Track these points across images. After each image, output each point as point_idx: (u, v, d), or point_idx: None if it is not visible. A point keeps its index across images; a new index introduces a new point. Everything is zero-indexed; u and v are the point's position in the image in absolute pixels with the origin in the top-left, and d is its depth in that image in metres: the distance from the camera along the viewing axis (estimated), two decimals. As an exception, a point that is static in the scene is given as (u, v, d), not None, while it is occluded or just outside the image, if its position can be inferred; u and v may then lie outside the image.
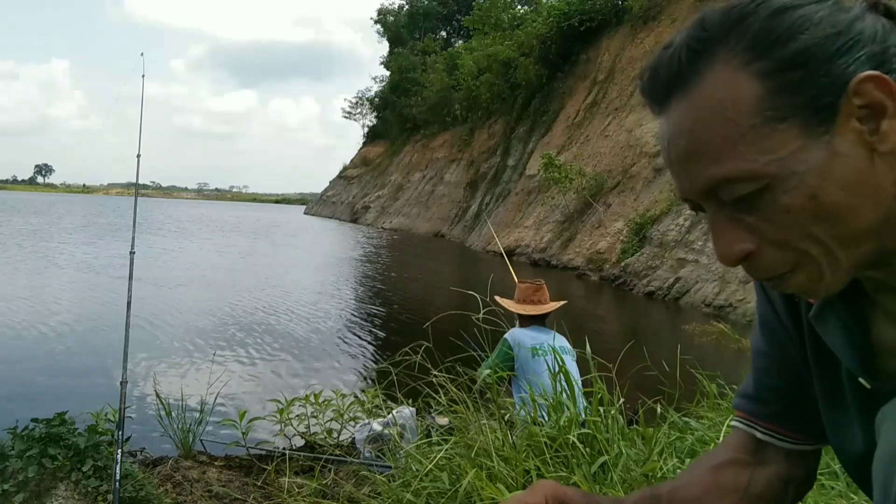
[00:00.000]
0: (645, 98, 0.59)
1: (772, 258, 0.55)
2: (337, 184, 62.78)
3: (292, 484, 2.66)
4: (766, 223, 0.53)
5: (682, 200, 0.59)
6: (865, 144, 0.51)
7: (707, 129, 0.52)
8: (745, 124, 0.51)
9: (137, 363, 6.16)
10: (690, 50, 0.54)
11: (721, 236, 0.56)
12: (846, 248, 0.53)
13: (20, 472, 2.50)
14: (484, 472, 1.64)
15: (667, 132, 0.56)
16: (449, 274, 18.62)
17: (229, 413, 4.28)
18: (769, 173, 0.51)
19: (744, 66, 0.52)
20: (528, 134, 28.83)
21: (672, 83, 0.55)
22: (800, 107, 0.51)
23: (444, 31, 61.89)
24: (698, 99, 0.53)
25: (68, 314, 8.92)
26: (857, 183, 0.51)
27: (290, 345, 7.71)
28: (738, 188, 0.53)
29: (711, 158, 0.52)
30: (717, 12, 0.55)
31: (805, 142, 0.51)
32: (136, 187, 3.62)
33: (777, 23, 0.52)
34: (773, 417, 0.76)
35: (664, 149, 0.57)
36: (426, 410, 3.02)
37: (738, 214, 0.54)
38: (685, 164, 0.55)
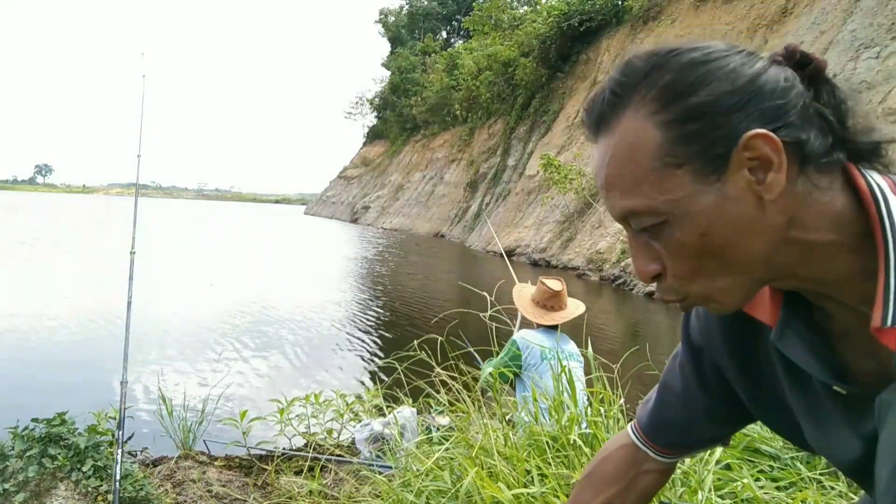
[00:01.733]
0: (584, 127, 0.66)
1: (670, 283, 0.63)
2: (337, 184, 62.79)
3: (292, 484, 2.66)
4: (667, 253, 0.61)
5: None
6: (754, 192, 0.57)
7: (619, 166, 0.60)
8: (647, 167, 0.58)
9: (138, 363, 6.15)
10: (612, 93, 0.62)
11: (636, 256, 0.64)
12: (735, 277, 0.60)
13: (20, 471, 2.50)
14: (485, 471, 1.64)
15: (595, 161, 0.64)
16: (449, 274, 18.63)
17: (230, 413, 4.28)
18: (666, 211, 0.58)
19: (650, 116, 0.58)
20: (528, 134, 28.84)
21: (599, 121, 0.63)
22: (694, 156, 0.57)
23: (444, 31, 61.91)
24: (614, 139, 0.61)
25: (69, 314, 8.92)
26: (745, 224, 0.57)
27: (290, 345, 7.71)
28: (643, 220, 0.60)
29: (622, 192, 0.60)
30: (640, 58, 0.61)
31: (698, 187, 0.57)
32: (137, 187, 3.61)
33: (683, 77, 0.58)
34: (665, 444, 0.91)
35: (595, 176, 0.65)
36: (427, 410, 3.02)
37: (649, 240, 0.62)
38: (606, 193, 0.63)
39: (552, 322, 2.97)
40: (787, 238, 0.58)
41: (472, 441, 1.87)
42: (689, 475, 1.71)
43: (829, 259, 0.59)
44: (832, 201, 0.59)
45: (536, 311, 3.02)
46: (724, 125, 0.56)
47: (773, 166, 0.56)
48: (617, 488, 0.93)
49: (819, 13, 12.38)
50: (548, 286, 3.03)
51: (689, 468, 1.73)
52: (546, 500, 1.57)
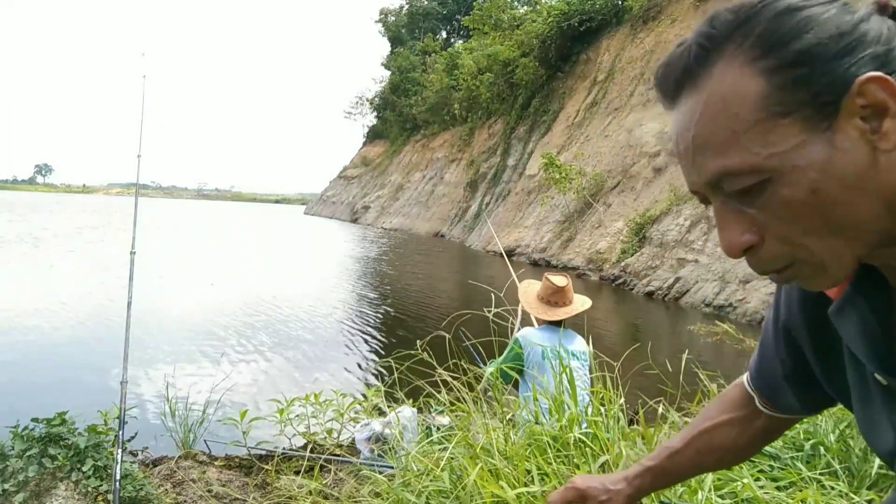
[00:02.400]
0: (658, 93, 0.62)
1: (773, 251, 0.57)
2: (337, 184, 62.79)
3: (292, 484, 2.66)
4: (768, 216, 0.55)
5: (691, 193, 0.61)
6: (867, 142, 0.52)
7: (713, 122, 0.54)
8: (748, 119, 0.53)
9: (138, 363, 6.15)
10: (700, 47, 0.57)
11: (726, 228, 0.58)
12: (846, 240, 0.55)
13: (20, 471, 2.50)
14: (486, 471, 1.64)
15: (676, 126, 0.58)
16: (449, 274, 18.63)
17: (230, 413, 4.28)
18: (771, 167, 0.53)
19: (749, 64, 0.53)
20: (528, 134, 28.84)
21: (682, 79, 0.57)
22: (802, 103, 0.52)
23: (444, 31, 61.91)
24: (706, 93, 0.55)
25: (69, 314, 8.92)
26: (858, 178, 0.52)
27: (290, 345, 7.71)
28: (741, 180, 0.54)
29: (716, 151, 0.54)
30: (726, 11, 0.57)
31: (807, 137, 0.52)
32: (137, 187, 3.61)
33: (782, 23, 0.53)
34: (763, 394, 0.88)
35: (674, 142, 0.59)
36: (427, 410, 3.02)
37: (742, 207, 0.56)
38: (693, 157, 0.57)
39: (554, 318, 2.96)
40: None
41: (472, 441, 1.87)
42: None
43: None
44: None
45: (540, 307, 3.01)
46: (833, 70, 0.52)
47: (889, 112, 0.52)
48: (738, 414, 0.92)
49: (819, 13, 12.42)
50: (552, 282, 3.02)
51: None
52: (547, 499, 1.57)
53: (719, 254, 12.22)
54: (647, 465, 0.96)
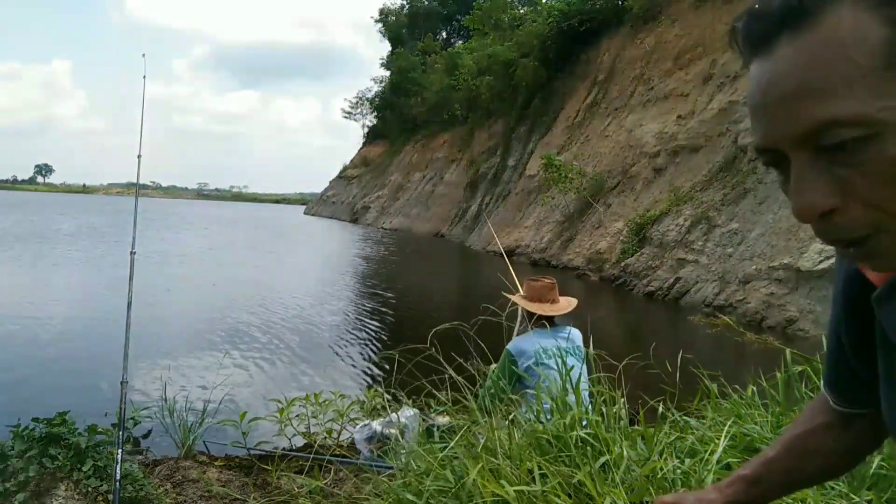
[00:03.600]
0: (743, 40, 0.56)
1: (856, 217, 0.52)
2: (337, 184, 62.78)
3: (292, 484, 2.66)
4: (863, 177, 0.50)
5: (758, 152, 0.56)
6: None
7: (824, 66, 0.49)
8: (866, 65, 0.48)
9: (138, 363, 6.15)
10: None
11: (806, 188, 0.52)
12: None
13: (21, 471, 2.50)
14: (487, 469, 1.64)
15: (769, 74, 0.53)
16: (449, 274, 18.63)
17: (230, 413, 4.28)
18: (882, 120, 0.48)
19: (872, 10, 0.49)
20: (528, 134, 28.84)
21: (785, 20, 0.52)
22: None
23: (445, 31, 61.95)
24: (818, 36, 0.50)
25: (69, 314, 8.92)
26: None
27: (291, 345, 7.71)
28: (847, 131, 0.49)
29: (825, 96, 0.49)
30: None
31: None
32: (137, 187, 3.62)
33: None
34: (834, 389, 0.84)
35: (758, 92, 0.54)
36: (427, 410, 3.02)
37: (832, 166, 0.51)
38: (790, 103, 0.51)
39: (553, 312, 2.99)
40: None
41: (473, 440, 1.87)
42: (689, 475, 1.71)
43: None
44: None
45: (535, 306, 3.03)
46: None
47: None
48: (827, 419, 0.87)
49: (819, 13, 12.42)
50: (538, 279, 3.08)
51: (688, 468, 1.73)
52: (547, 499, 1.57)
53: (719, 254, 12.23)
54: (741, 474, 0.90)
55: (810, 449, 0.88)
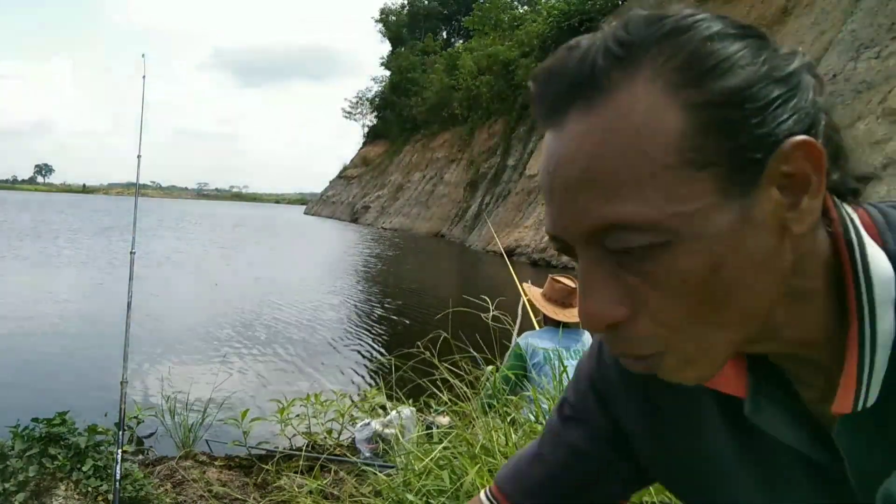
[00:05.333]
0: (535, 105, 0.47)
1: (644, 332, 0.45)
2: (337, 184, 62.83)
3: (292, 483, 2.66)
4: (652, 289, 0.44)
5: (549, 239, 0.48)
6: (779, 219, 0.43)
7: (613, 156, 0.42)
8: (659, 160, 0.41)
9: (139, 363, 6.16)
10: (609, 54, 0.43)
11: (593, 293, 0.45)
12: (733, 331, 0.45)
13: (20, 471, 2.50)
14: (486, 470, 1.64)
15: (556, 152, 0.45)
16: (449, 274, 18.64)
17: (230, 412, 4.29)
18: (672, 228, 0.42)
19: (671, 91, 0.42)
20: (528, 134, 28.84)
21: (577, 90, 0.44)
22: (725, 154, 0.42)
23: (445, 31, 61.99)
24: (609, 117, 0.42)
25: (69, 313, 8.93)
26: (762, 262, 0.43)
27: (291, 345, 7.71)
28: (633, 238, 0.42)
29: (611, 194, 0.42)
30: (645, 17, 0.45)
31: (720, 200, 0.42)
32: (137, 187, 3.62)
33: (715, 49, 0.43)
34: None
35: (547, 171, 0.46)
36: (427, 409, 3.02)
37: (621, 271, 0.44)
38: (574, 195, 0.44)
39: (568, 318, 2.93)
40: (787, 287, 0.46)
41: (472, 440, 1.87)
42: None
43: (816, 314, 0.48)
44: (823, 240, 0.48)
45: (550, 307, 2.98)
46: (766, 121, 0.42)
47: (809, 188, 0.43)
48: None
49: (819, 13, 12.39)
50: (563, 283, 2.99)
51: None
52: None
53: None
54: None
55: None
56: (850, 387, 0.46)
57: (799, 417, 0.53)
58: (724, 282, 0.43)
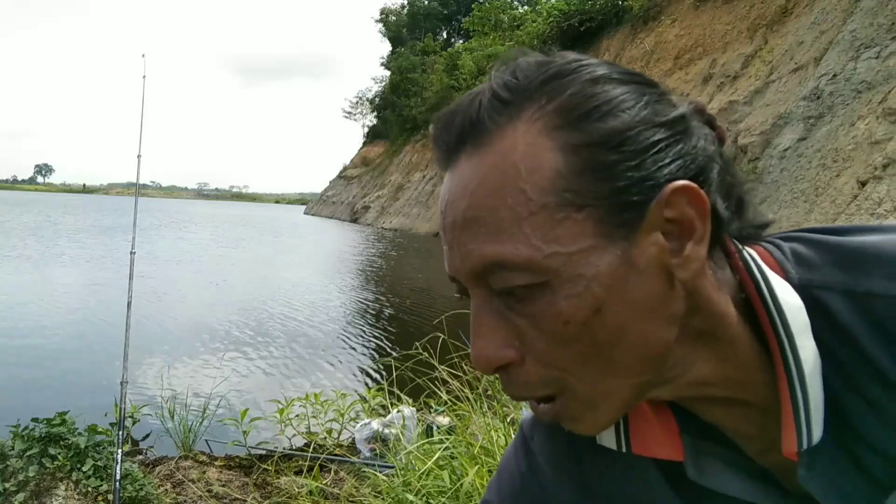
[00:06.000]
0: (434, 147, 0.49)
1: (534, 375, 0.45)
2: (337, 184, 62.85)
3: (292, 483, 2.66)
4: (538, 331, 0.44)
5: (449, 279, 0.49)
6: (664, 265, 0.43)
7: (494, 194, 0.43)
8: (537, 200, 0.42)
9: (138, 363, 6.16)
10: (494, 97, 0.45)
11: (482, 334, 0.45)
12: (623, 377, 0.44)
13: (20, 471, 2.50)
14: (485, 470, 1.64)
15: (448, 190, 0.46)
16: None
17: (230, 413, 4.29)
18: (551, 268, 0.42)
19: (550, 132, 0.43)
20: (528, 134, 28.88)
21: (466, 132, 0.45)
22: (602, 196, 0.42)
23: (445, 31, 62.02)
24: (491, 156, 0.43)
25: (70, 313, 8.93)
26: (650, 306, 0.43)
27: (291, 345, 7.71)
28: (513, 277, 0.43)
29: (491, 232, 0.43)
30: (534, 62, 0.46)
31: (599, 242, 0.42)
32: (137, 187, 3.62)
33: (597, 92, 0.43)
34: None
35: (441, 211, 0.47)
36: (427, 409, 3.02)
37: (509, 312, 0.45)
38: (460, 233, 0.45)
39: None
40: (683, 329, 0.45)
41: (472, 440, 1.87)
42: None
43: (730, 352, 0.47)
44: (729, 280, 0.48)
45: None
46: (645, 165, 0.42)
47: (694, 234, 0.43)
48: None
49: (819, 13, 12.39)
50: None
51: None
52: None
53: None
54: None
55: None
56: (791, 426, 0.45)
57: (746, 468, 0.51)
58: (608, 325, 0.42)
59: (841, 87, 9.27)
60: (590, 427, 0.47)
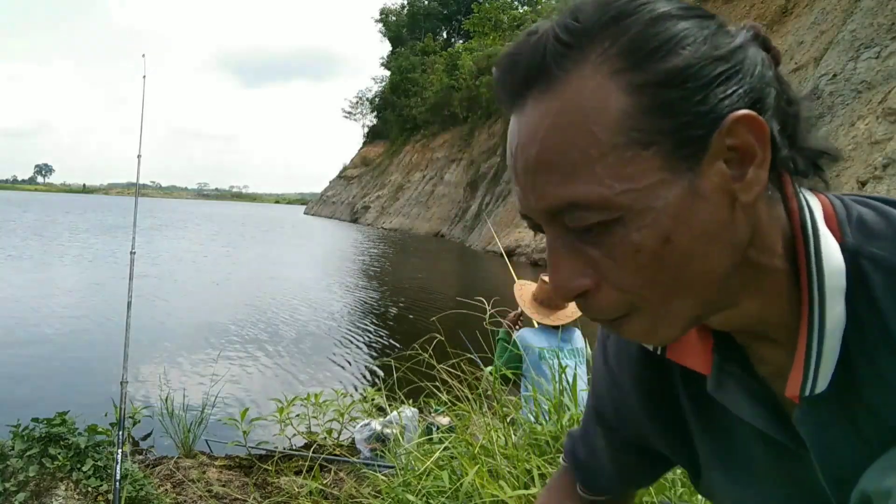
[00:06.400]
0: (497, 89, 0.50)
1: (609, 299, 0.48)
2: (337, 184, 62.85)
3: (292, 483, 2.66)
4: (611, 260, 0.46)
5: (521, 217, 0.52)
6: (728, 191, 0.45)
7: (565, 138, 0.44)
8: (606, 141, 0.43)
9: (139, 363, 6.16)
10: (558, 42, 0.45)
11: (560, 267, 0.48)
12: (691, 297, 0.47)
13: (20, 471, 2.50)
14: (485, 470, 1.64)
15: (517, 134, 0.48)
16: (449, 274, 18.64)
17: (230, 413, 4.29)
18: (623, 204, 0.44)
19: (615, 74, 0.44)
20: (529, 134, 28.87)
21: (532, 77, 0.46)
22: (668, 132, 0.44)
23: (445, 31, 62.02)
24: (560, 101, 0.45)
25: (71, 312, 8.93)
26: (714, 231, 0.45)
27: (291, 345, 7.71)
28: (588, 216, 0.45)
29: (564, 175, 0.45)
30: (593, 4, 0.46)
31: (666, 176, 0.44)
32: (137, 187, 3.62)
33: (658, 31, 0.44)
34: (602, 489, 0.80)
35: (511, 153, 0.49)
36: (427, 410, 3.02)
37: (583, 245, 0.47)
38: (533, 176, 0.46)
39: (554, 322, 2.93)
40: (744, 258, 0.48)
41: (472, 440, 1.87)
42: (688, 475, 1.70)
43: (775, 292, 0.50)
44: (781, 219, 0.50)
45: (538, 310, 3.00)
46: (707, 99, 0.44)
47: (755, 160, 0.45)
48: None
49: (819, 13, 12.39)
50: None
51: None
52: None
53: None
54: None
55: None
56: (799, 372, 0.49)
57: (758, 396, 0.55)
58: (677, 251, 0.45)
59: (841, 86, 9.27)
60: (657, 341, 0.51)
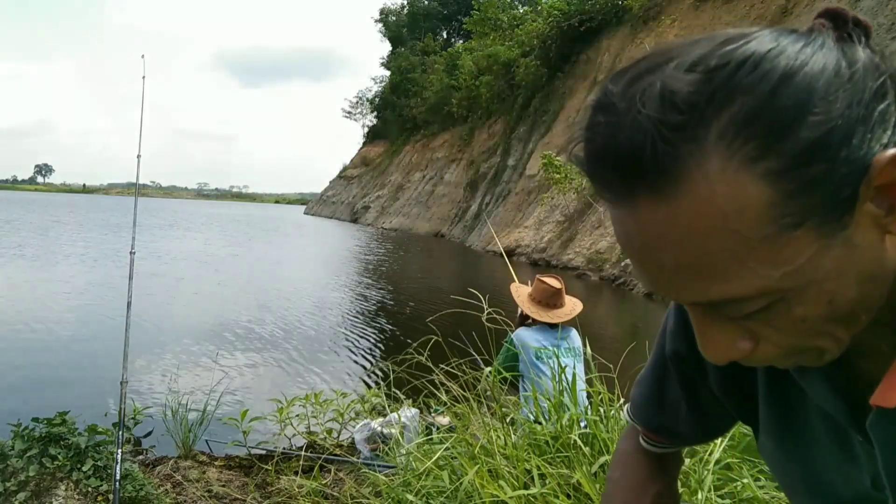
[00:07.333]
0: (594, 183, 0.45)
1: (770, 354, 0.48)
2: (337, 184, 62.86)
3: (292, 484, 2.66)
4: (773, 330, 0.46)
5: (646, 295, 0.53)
6: (878, 226, 0.43)
7: (706, 245, 0.41)
8: (755, 237, 0.40)
9: (139, 363, 6.16)
10: (663, 140, 0.40)
11: (715, 341, 0.48)
12: (850, 325, 0.47)
13: (21, 471, 2.50)
14: (485, 470, 1.64)
15: (637, 235, 0.44)
16: (449, 274, 18.64)
17: (230, 413, 4.28)
18: (783, 287, 0.43)
19: (748, 166, 0.39)
20: (528, 134, 28.85)
21: (640, 176, 0.41)
22: (818, 206, 0.40)
23: (445, 31, 62.03)
24: (688, 204, 0.40)
25: (70, 313, 8.93)
26: (872, 272, 0.44)
27: (290, 345, 7.71)
28: (747, 306, 0.44)
29: (713, 277, 0.42)
30: (689, 79, 0.40)
31: (822, 243, 0.42)
32: (137, 187, 3.62)
33: (783, 101, 0.39)
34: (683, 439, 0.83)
35: (631, 248, 0.45)
36: (427, 410, 3.02)
37: (738, 320, 0.47)
38: (671, 276, 0.44)
39: (553, 320, 2.95)
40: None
41: (472, 440, 1.87)
42: (689, 475, 1.71)
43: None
44: None
45: (536, 309, 3.01)
46: (851, 156, 0.40)
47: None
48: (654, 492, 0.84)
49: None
50: (548, 283, 3.03)
51: (689, 468, 1.73)
52: (547, 500, 1.57)
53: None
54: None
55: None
56: (894, 384, 0.48)
57: (836, 386, 0.55)
58: (840, 306, 0.45)
59: (841, 87, 9.28)
60: (816, 364, 0.50)
